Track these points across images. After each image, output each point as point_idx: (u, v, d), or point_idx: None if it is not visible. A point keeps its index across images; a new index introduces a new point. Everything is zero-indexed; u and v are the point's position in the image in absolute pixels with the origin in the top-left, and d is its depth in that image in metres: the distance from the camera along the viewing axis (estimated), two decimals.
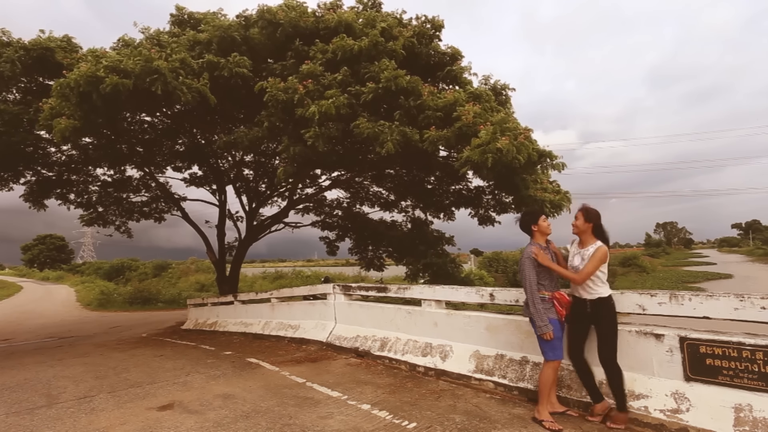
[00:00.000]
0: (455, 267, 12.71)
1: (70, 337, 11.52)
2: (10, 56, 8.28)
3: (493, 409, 3.62)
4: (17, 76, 8.74)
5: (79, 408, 4.15)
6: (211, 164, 12.89)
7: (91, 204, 13.06)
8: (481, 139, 6.52)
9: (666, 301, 3.23)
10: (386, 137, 6.99)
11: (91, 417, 3.85)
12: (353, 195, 14.35)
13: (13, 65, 8.41)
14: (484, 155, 6.37)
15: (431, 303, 5.17)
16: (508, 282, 27.70)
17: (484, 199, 11.49)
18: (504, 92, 9.75)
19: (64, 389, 4.95)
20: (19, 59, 8.32)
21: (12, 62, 8.34)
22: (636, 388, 3.21)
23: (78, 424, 3.67)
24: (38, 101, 8.16)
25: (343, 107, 7.17)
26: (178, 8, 10.56)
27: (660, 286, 27.62)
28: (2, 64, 8.49)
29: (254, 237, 13.67)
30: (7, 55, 8.28)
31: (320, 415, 3.61)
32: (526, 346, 4.10)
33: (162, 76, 6.87)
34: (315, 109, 6.92)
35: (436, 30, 9.23)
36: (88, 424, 3.65)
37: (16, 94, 9.40)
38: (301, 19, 8.16)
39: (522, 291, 4.42)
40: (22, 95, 9.37)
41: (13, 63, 8.37)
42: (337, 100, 7.11)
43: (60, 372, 6.02)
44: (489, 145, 6.39)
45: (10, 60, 8.29)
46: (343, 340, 6.18)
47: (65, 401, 4.43)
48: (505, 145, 6.33)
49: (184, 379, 5.18)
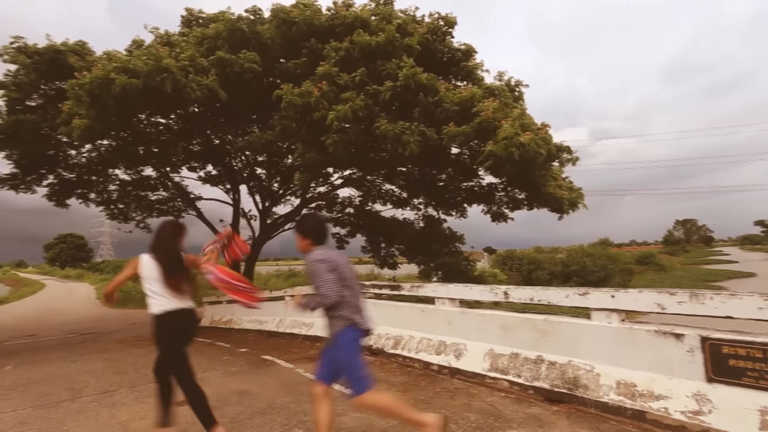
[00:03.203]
0: (468, 265, 12.65)
1: (90, 334, 11.82)
2: (24, 62, 8.51)
3: (508, 408, 3.59)
4: (34, 82, 9.00)
5: (101, 402, 4.26)
6: (224, 164, 13.05)
7: (111, 202, 13.38)
8: (506, 132, 6.51)
9: (686, 300, 3.16)
10: (409, 138, 6.99)
11: (112, 411, 3.95)
12: (365, 193, 14.37)
13: (28, 71, 8.66)
14: (509, 149, 6.35)
15: (445, 301, 5.15)
16: (522, 280, 27.42)
17: (497, 195, 11.41)
18: (518, 89, 9.67)
19: (86, 384, 5.08)
20: (33, 64, 8.53)
21: (27, 67, 8.58)
22: (655, 388, 3.15)
23: (100, 418, 3.76)
24: (56, 106, 8.38)
25: (361, 109, 7.18)
26: (188, 10, 10.72)
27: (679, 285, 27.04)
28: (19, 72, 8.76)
29: (268, 235, 13.80)
30: (21, 61, 8.51)
31: (335, 412, 3.63)
32: (541, 345, 4.05)
33: (171, 74, 6.98)
34: (333, 116, 6.94)
35: (449, 27, 9.20)
36: (110, 418, 3.74)
37: (37, 100, 9.65)
38: (315, 17, 8.18)
39: (536, 289, 4.40)
40: (42, 102, 9.62)
41: (28, 68, 8.62)
42: (354, 103, 7.12)
43: (82, 367, 6.18)
44: (513, 139, 6.39)
45: (25, 65, 8.53)
46: None
47: (88, 395, 4.55)
48: (528, 140, 6.33)
49: (200, 375, 5.25)
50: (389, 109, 7.65)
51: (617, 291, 3.62)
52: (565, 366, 3.77)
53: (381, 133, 7.24)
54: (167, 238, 3.13)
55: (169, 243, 3.11)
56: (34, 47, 8.73)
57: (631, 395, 3.23)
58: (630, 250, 57.55)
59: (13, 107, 9.40)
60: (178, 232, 3.21)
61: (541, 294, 4.27)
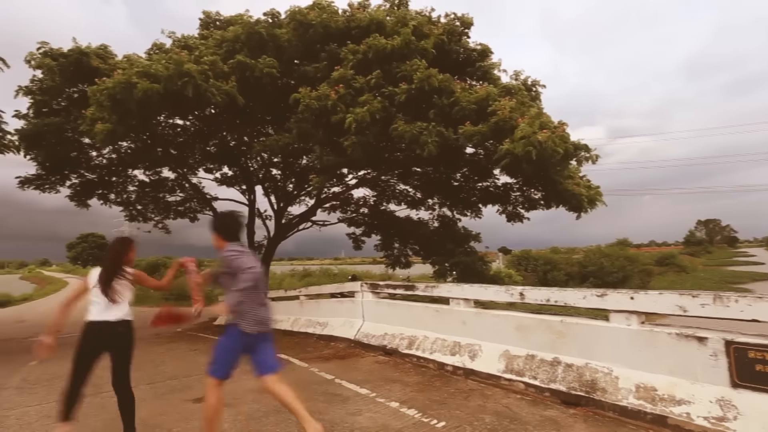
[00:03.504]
0: (484, 265, 12.55)
1: None
2: (50, 64, 8.77)
3: (523, 411, 3.55)
4: (58, 86, 9.27)
5: None
6: (240, 165, 13.22)
7: (130, 203, 13.71)
8: (523, 131, 6.47)
9: (709, 303, 3.07)
10: (426, 139, 7.00)
11: None
12: (380, 193, 14.39)
13: (53, 74, 8.93)
14: (527, 147, 6.31)
15: (459, 301, 5.12)
16: (538, 281, 27.08)
17: (513, 195, 11.30)
18: (534, 88, 9.57)
19: (107, 379, 5.19)
20: (59, 66, 8.79)
21: (51, 70, 8.84)
22: (676, 393, 3.07)
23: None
24: (79, 109, 8.62)
25: (378, 112, 7.21)
26: (205, 13, 10.90)
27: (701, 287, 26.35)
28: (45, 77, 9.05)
29: (283, 235, 13.94)
30: (47, 64, 8.78)
31: (349, 411, 3.65)
32: (558, 346, 4.00)
33: (192, 79, 7.11)
34: (352, 119, 6.99)
35: (465, 27, 9.18)
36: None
37: (61, 103, 9.95)
38: (332, 20, 8.22)
39: (552, 290, 4.34)
40: (65, 105, 9.90)
41: (53, 71, 8.88)
42: (371, 106, 7.15)
43: (103, 363, 6.32)
44: (530, 137, 6.34)
45: (51, 68, 8.79)
46: (371, 338, 6.22)
47: (108, 391, 4.63)
48: (545, 138, 6.27)
49: None
50: (405, 110, 7.66)
51: (636, 292, 3.54)
52: (583, 368, 3.71)
53: (398, 135, 7.25)
54: (113, 253, 3.36)
55: (115, 257, 3.33)
56: (59, 50, 8.99)
57: (651, 399, 3.15)
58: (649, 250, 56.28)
59: (39, 111, 9.72)
60: (125, 248, 3.42)
61: (557, 295, 4.21)
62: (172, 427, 3.43)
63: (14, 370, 6.14)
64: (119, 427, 3.55)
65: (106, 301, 3.22)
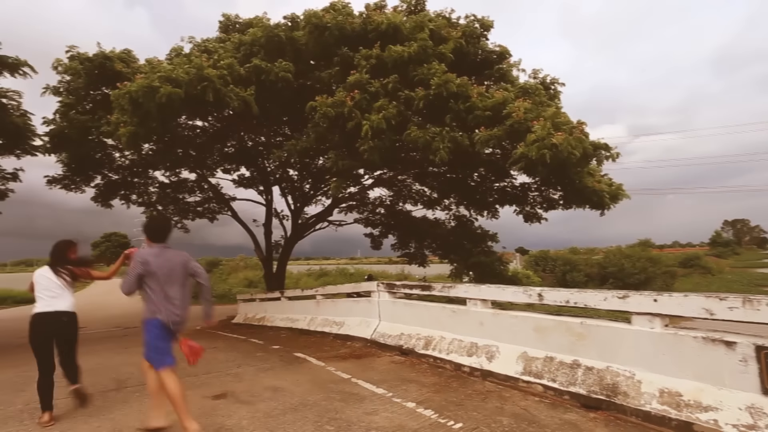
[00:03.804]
0: (502, 265, 12.43)
1: (133, 328, 12.41)
2: (76, 68, 9.08)
3: (542, 413, 3.49)
4: (83, 88, 9.60)
5: (143, 393, 4.44)
6: (257, 165, 13.41)
7: (151, 203, 14.04)
8: (537, 134, 6.36)
9: (738, 306, 2.96)
10: (438, 145, 6.97)
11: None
12: (396, 193, 14.39)
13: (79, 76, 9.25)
14: (541, 151, 6.20)
15: (476, 302, 5.07)
16: (556, 282, 26.63)
17: (530, 195, 11.14)
18: (553, 86, 9.43)
19: (130, 375, 5.34)
20: (84, 70, 9.10)
21: (77, 73, 9.16)
22: (703, 399, 2.97)
23: (142, 408, 3.94)
24: (103, 111, 8.91)
25: (394, 117, 7.21)
26: (225, 16, 11.08)
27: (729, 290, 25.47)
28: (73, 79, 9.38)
29: (299, 235, 14.07)
30: (73, 67, 9.10)
31: (366, 411, 3.65)
32: (578, 349, 3.92)
33: (212, 84, 7.25)
34: (367, 126, 7.01)
35: (484, 30, 9.12)
36: (151, 409, 3.90)
37: (86, 105, 10.28)
38: (347, 22, 8.24)
39: (572, 292, 4.26)
40: (90, 107, 10.23)
41: (79, 74, 9.20)
42: (387, 111, 7.16)
43: (126, 359, 6.50)
44: (545, 140, 6.21)
45: (77, 71, 9.11)
46: (387, 338, 6.21)
47: (131, 386, 4.79)
48: (561, 141, 6.14)
49: (235, 370, 5.42)
50: (422, 114, 7.64)
51: (660, 294, 3.44)
52: (603, 372, 3.63)
53: (411, 140, 7.24)
54: (59, 252, 3.94)
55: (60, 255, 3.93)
56: (85, 54, 9.31)
57: (676, 405, 3.06)
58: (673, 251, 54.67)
59: (66, 112, 10.07)
60: (67, 248, 4.00)
61: (577, 296, 4.12)
62: None
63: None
64: (141, 418, 3.65)
65: (50, 296, 3.73)
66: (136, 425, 3.50)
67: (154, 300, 3.10)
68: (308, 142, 8.30)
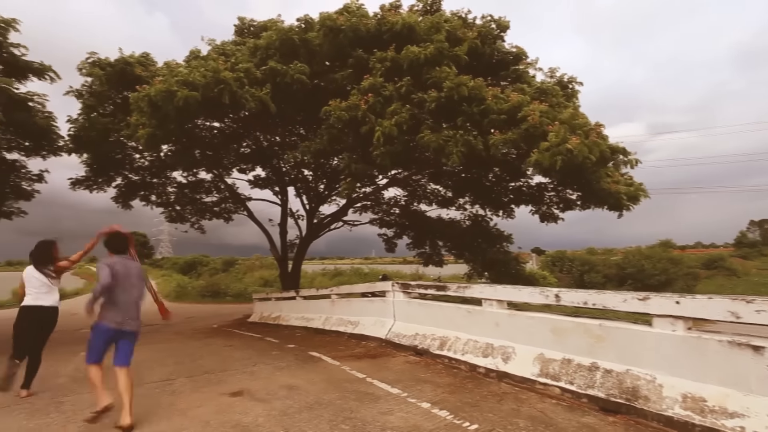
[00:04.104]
0: (518, 265, 12.29)
1: (153, 325, 12.66)
2: (98, 73, 9.35)
3: (559, 416, 3.43)
4: (105, 92, 9.89)
5: (163, 389, 4.55)
6: (273, 165, 13.54)
7: (169, 204, 14.33)
8: (551, 141, 6.26)
9: (766, 309, 2.86)
10: (452, 149, 6.93)
11: (172, 398, 4.21)
12: (410, 193, 14.35)
13: (101, 81, 9.53)
14: (554, 157, 6.10)
15: (492, 303, 5.02)
16: (573, 283, 26.20)
17: (547, 195, 10.98)
18: (570, 86, 9.27)
19: (149, 371, 5.45)
20: (106, 75, 9.36)
21: (99, 78, 9.44)
22: (729, 405, 2.88)
23: (162, 404, 4.02)
24: (123, 114, 9.15)
25: (406, 122, 7.19)
26: (240, 19, 11.22)
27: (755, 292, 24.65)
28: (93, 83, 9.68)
29: (314, 235, 14.15)
30: (95, 73, 9.37)
31: (380, 410, 3.65)
32: (596, 351, 3.84)
33: (228, 86, 7.35)
34: (380, 133, 7.02)
35: (501, 30, 9.03)
36: (170, 405, 3.98)
37: (107, 108, 10.58)
38: (362, 23, 8.23)
39: (590, 293, 4.18)
40: (112, 109, 10.51)
41: (101, 79, 9.48)
42: (399, 116, 7.14)
43: (146, 356, 6.64)
44: (559, 146, 6.11)
45: (99, 77, 9.39)
46: (402, 338, 6.20)
47: (151, 382, 4.89)
48: (575, 146, 6.03)
49: (251, 368, 5.48)
50: (435, 117, 7.60)
51: (682, 296, 3.35)
52: (623, 375, 3.55)
53: (424, 144, 7.21)
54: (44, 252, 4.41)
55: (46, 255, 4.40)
56: (106, 60, 9.58)
57: (699, 410, 2.97)
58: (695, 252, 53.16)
59: (89, 114, 10.38)
60: (51, 247, 4.47)
61: (595, 297, 4.04)
62: (210, 419, 3.54)
63: (68, 359, 6.55)
64: (161, 414, 3.72)
65: (37, 292, 4.31)
66: (154, 419, 3.57)
67: (106, 306, 3.54)
68: (322, 144, 8.35)
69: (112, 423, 3.44)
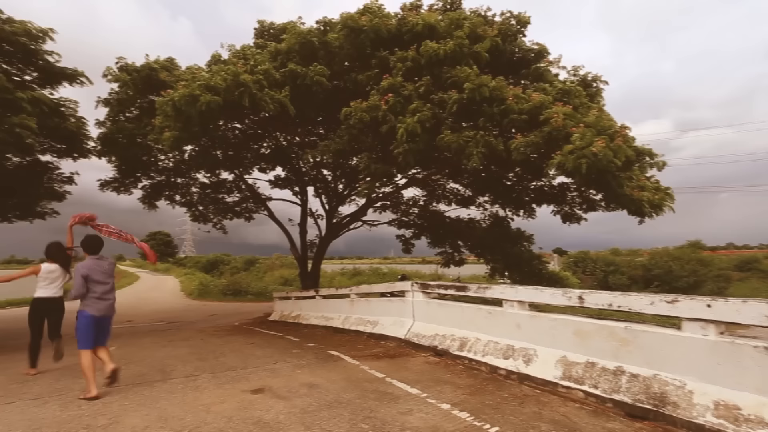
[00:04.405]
0: (540, 265, 12.08)
1: (176, 322, 13.02)
2: (124, 78, 9.69)
3: (583, 421, 3.36)
4: (131, 97, 10.25)
5: (187, 385, 4.66)
6: (292, 165, 13.69)
7: (192, 204, 14.69)
8: (575, 144, 6.12)
9: None
10: (472, 150, 6.86)
11: (196, 394, 4.30)
12: (429, 192, 14.29)
13: (127, 86, 9.88)
14: (578, 161, 5.96)
15: (513, 304, 4.95)
16: (596, 284, 25.58)
17: (569, 196, 10.75)
18: (595, 84, 9.04)
19: (174, 367, 5.60)
20: (132, 81, 9.70)
21: (126, 83, 9.79)
22: (766, 414, 2.75)
23: (186, 399, 4.12)
24: (148, 117, 9.45)
25: (428, 120, 7.16)
26: (260, 22, 11.39)
27: None
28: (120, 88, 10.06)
29: (334, 234, 14.24)
30: (122, 78, 9.72)
31: (400, 410, 3.65)
32: (622, 355, 3.74)
33: (248, 89, 7.47)
34: (403, 130, 7.00)
35: (521, 27, 8.88)
36: (194, 400, 4.08)
37: (133, 112, 10.94)
38: (383, 24, 8.22)
39: (615, 295, 4.07)
40: (137, 113, 10.86)
41: (127, 84, 9.82)
42: (422, 114, 7.11)
43: (170, 352, 6.82)
44: (584, 150, 5.97)
45: (125, 82, 9.73)
46: (422, 338, 6.18)
47: (176, 378, 5.01)
48: (600, 149, 5.86)
49: (272, 366, 5.56)
50: (455, 117, 7.53)
51: (714, 299, 3.22)
52: (650, 380, 3.44)
53: (445, 144, 7.15)
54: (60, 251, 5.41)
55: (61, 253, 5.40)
56: (133, 65, 9.91)
57: (734, 419, 2.86)
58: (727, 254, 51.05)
59: (116, 119, 10.76)
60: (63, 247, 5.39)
61: (621, 300, 3.93)
62: (232, 415, 3.61)
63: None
64: (186, 408, 3.81)
65: (46, 284, 5.35)
66: (180, 414, 3.66)
67: (88, 296, 4.33)
68: (341, 144, 8.38)
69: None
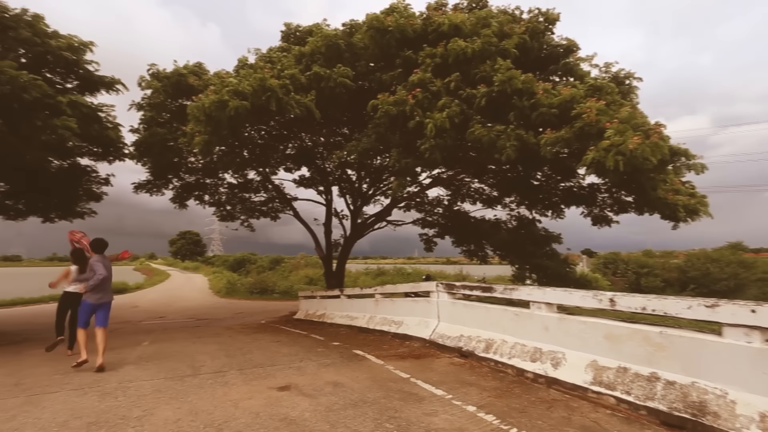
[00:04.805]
0: (568, 268, 11.75)
1: (205, 319, 13.39)
2: (156, 85, 10.12)
3: (615, 428, 3.25)
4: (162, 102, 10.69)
5: (216, 381, 4.78)
6: (317, 165, 13.86)
7: (221, 203, 15.11)
8: (611, 140, 5.92)
9: None
10: (504, 143, 6.76)
11: (225, 389, 4.41)
12: (454, 192, 14.15)
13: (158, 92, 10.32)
14: (615, 157, 5.77)
15: (541, 306, 4.84)
16: (628, 287, 24.71)
17: (599, 197, 10.41)
18: (627, 81, 8.74)
19: (203, 363, 5.76)
20: (163, 87, 10.12)
21: (157, 90, 10.23)
22: None
23: (215, 394, 4.23)
24: (178, 120, 9.81)
25: (457, 116, 7.10)
26: (286, 25, 11.57)
27: None
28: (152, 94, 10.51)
29: (359, 234, 14.32)
30: (154, 85, 10.15)
31: (425, 411, 3.63)
32: (657, 360, 3.59)
33: (274, 93, 7.62)
34: (432, 124, 6.98)
35: (550, 24, 8.69)
36: (223, 395, 4.18)
37: (165, 116, 11.36)
38: (408, 24, 8.19)
39: (649, 298, 3.91)
40: (168, 117, 11.27)
41: (158, 90, 10.26)
42: (450, 110, 7.06)
43: (200, 348, 7.02)
44: (620, 146, 5.77)
45: (157, 89, 10.17)
46: (447, 339, 6.13)
47: (205, 373, 5.15)
48: (637, 146, 5.65)
49: (298, 364, 5.64)
50: (484, 113, 7.43)
51: (759, 305, 3.05)
52: (688, 387, 3.29)
53: (475, 138, 7.07)
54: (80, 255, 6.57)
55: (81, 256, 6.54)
56: (163, 72, 10.33)
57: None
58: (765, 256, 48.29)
59: (149, 124, 11.22)
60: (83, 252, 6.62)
61: (655, 303, 3.78)
62: (259, 411, 3.68)
63: (132, 348, 7.07)
64: (215, 403, 3.92)
65: (70, 282, 6.68)
66: (209, 408, 3.76)
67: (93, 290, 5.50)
68: (369, 143, 8.41)
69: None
